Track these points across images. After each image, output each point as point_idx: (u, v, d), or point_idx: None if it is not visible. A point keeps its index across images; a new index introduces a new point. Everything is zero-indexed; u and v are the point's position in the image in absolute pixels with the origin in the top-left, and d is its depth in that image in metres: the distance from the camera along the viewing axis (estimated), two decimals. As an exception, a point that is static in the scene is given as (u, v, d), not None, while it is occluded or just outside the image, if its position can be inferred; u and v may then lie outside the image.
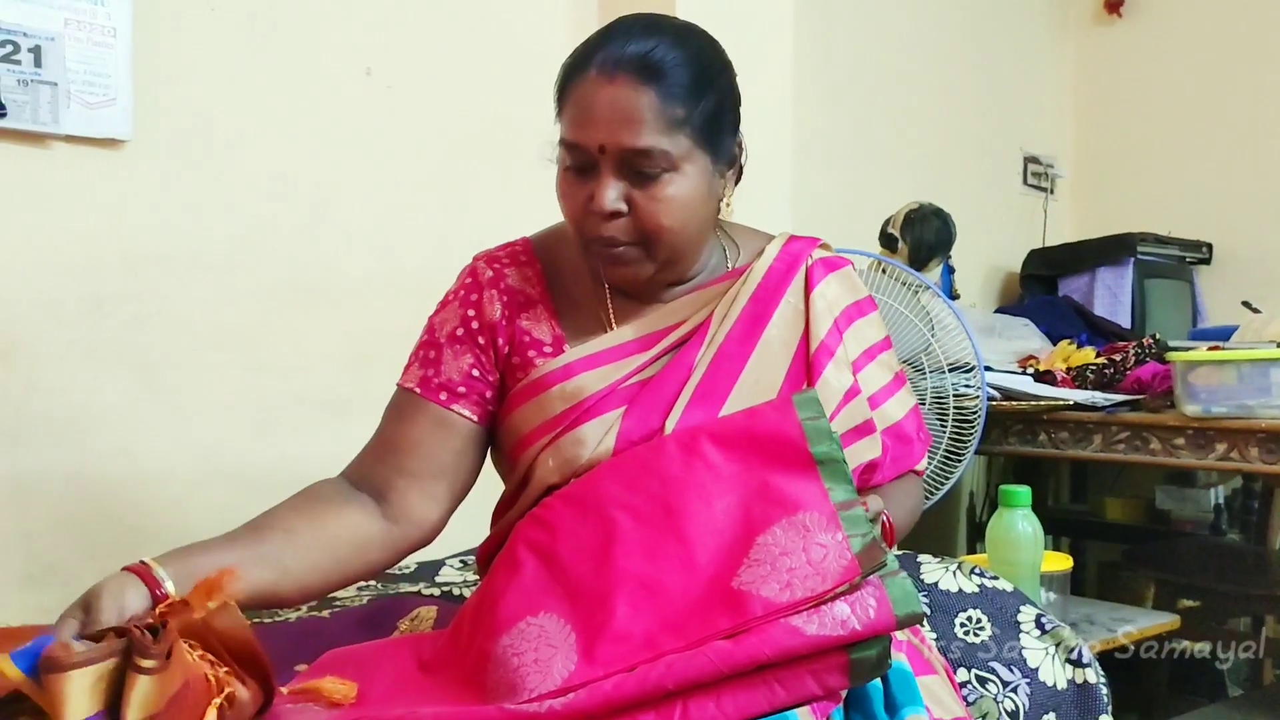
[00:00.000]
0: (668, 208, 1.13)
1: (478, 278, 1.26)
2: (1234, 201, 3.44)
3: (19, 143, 1.64)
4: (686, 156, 1.13)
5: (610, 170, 1.11)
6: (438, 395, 1.22)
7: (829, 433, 1.08)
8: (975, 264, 3.37)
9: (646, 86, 1.10)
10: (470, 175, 2.17)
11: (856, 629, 0.96)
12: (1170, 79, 3.59)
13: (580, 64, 1.14)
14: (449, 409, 1.21)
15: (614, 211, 1.12)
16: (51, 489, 1.68)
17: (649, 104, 1.10)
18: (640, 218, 1.13)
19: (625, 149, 1.10)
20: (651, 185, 1.12)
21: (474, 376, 1.22)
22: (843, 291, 1.28)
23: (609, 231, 1.13)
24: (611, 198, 1.11)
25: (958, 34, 3.38)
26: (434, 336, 1.25)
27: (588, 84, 1.12)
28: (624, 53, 1.11)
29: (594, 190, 1.12)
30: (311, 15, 1.96)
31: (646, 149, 1.10)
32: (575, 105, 1.12)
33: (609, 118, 1.10)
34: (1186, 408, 2.15)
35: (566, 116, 1.14)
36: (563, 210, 1.19)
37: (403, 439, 1.21)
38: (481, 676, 1.03)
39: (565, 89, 1.15)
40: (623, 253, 1.15)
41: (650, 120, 1.10)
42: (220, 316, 1.85)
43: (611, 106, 1.10)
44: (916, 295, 2.31)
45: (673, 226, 1.14)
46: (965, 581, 1.45)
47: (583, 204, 1.14)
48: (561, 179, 1.17)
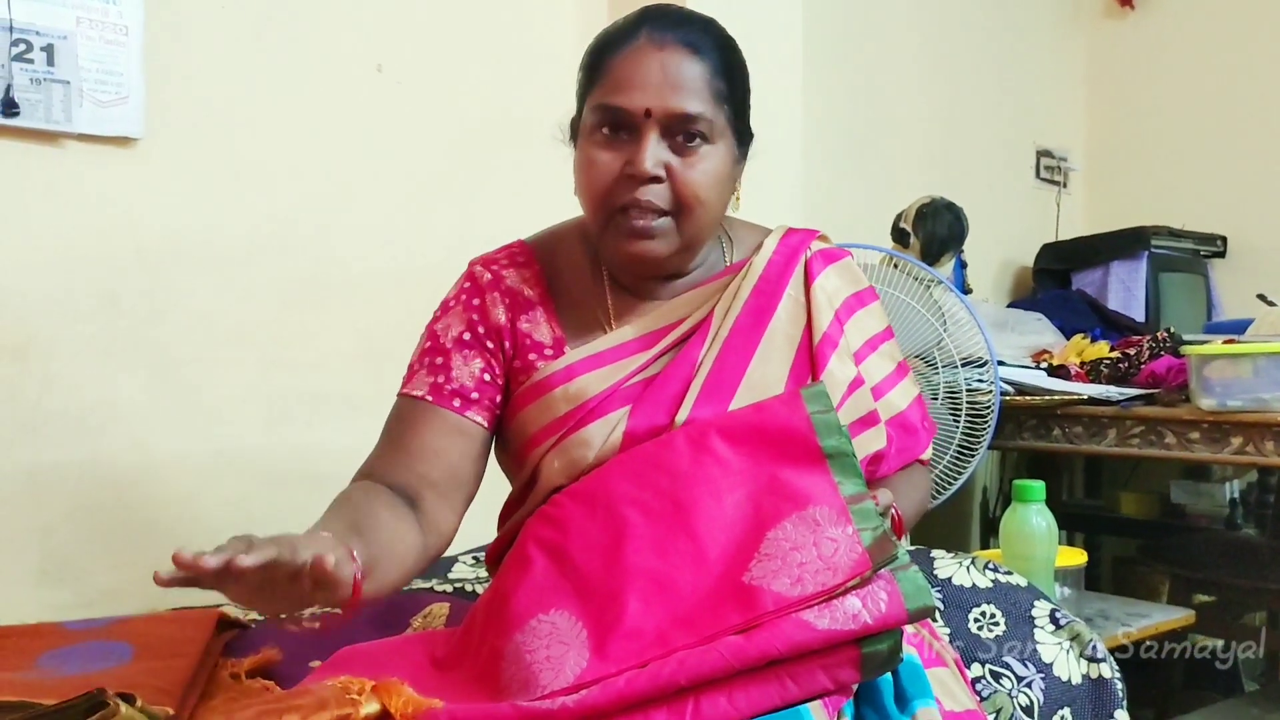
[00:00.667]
0: (702, 178, 1.13)
1: (477, 281, 1.25)
2: (1249, 194, 3.42)
3: (32, 141, 1.65)
4: (721, 133, 1.15)
5: (654, 133, 1.12)
6: (451, 402, 1.19)
7: (838, 426, 1.08)
8: (988, 258, 3.36)
9: (696, 58, 1.13)
10: (482, 171, 2.17)
11: (868, 623, 0.96)
12: (1183, 71, 3.57)
13: (623, 35, 1.15)
14: (464, 416, 1.19)
15: (654, 175, 1.12)
16: (66, 483, 1.69)
17: (698, 72, 1.13)
18: (677, 185, 1.13)
19: (674, 113, 1.11)
20: (691, 154, 1.13)
21: (485, 381, 1.21)
22: (842, 283, 1.28)
23: (645, 196, 1.12)
24: (654, 160, 1.11)
25: (969, 27, 3.36)
26: (438, 343, 1.23)
27: (636, 50, 1.13)
28: (670, 29, 1.14)
29: (632, 154, 1.12)
30: (322, 12, 1.96)
31: (695, 114, 1.12)
32: (619, 70, 1.13)
33: (659, 81, 1.11)
34: (1202, 401, 2.14)
35: (607, 82, 1.14)
36: (584, 182, 1.16)
37: (424, 448, 1.18)
38: (494, 674, 1.03)
39: (605, 58, 1.15)
40: (653, 224, 1.14)
41: (698, 88, 1.12)
42: (234, 312, 1.85)
43: (662, 71, 1.12)
44: (929, 290, 2.30)
45: (706, 199, 1.14)
46: (979, 577, 1.45)
47: (615, 170, 1.13)
48: (591, 146, 1.15)
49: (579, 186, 1.18)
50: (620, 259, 1.19)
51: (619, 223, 1.14)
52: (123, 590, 1.72)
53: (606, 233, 1.17)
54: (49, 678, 1.11)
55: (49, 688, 1.05)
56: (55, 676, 1.11)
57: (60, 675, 1.12)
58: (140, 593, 1.73)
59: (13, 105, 1.59)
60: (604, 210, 1.15)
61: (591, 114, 1.16)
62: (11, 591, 1.62)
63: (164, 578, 0.80)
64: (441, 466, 1.18)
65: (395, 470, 1.17)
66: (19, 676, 1.11)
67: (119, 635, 1.26)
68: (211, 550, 0.82)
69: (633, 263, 1.19)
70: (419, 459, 1.17)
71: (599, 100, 1.14)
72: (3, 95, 1.59)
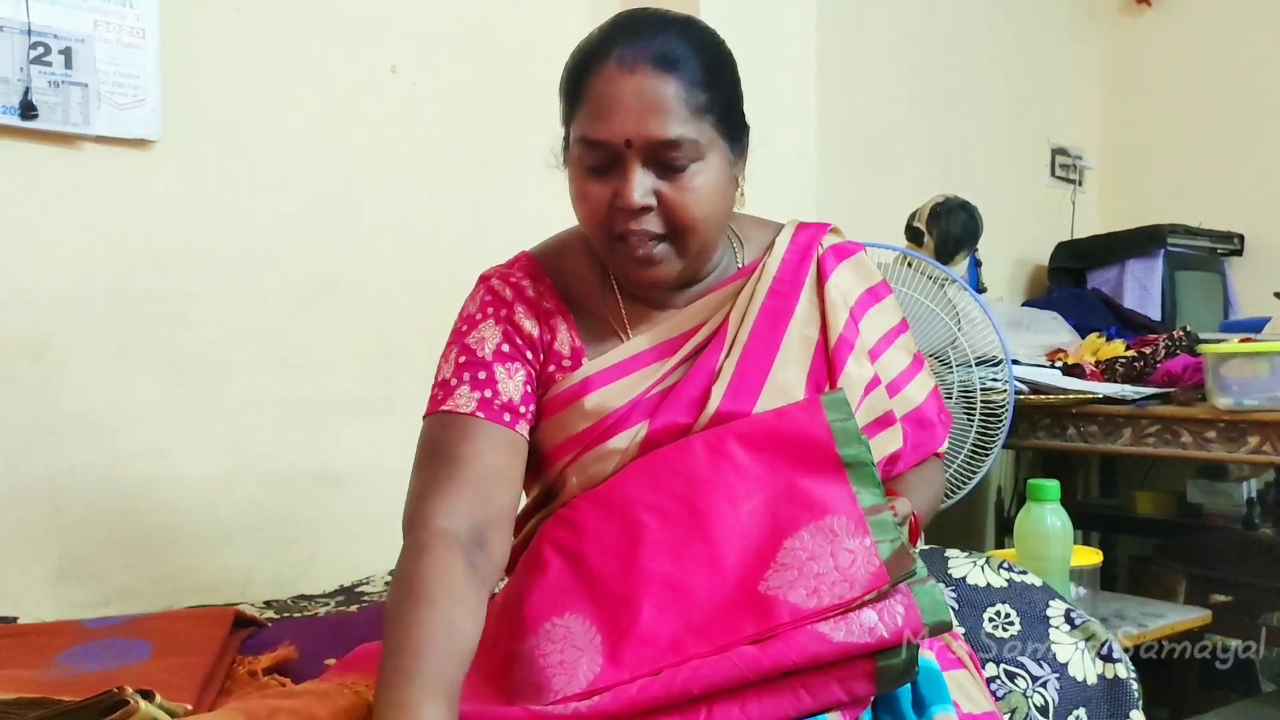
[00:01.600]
0: (697, 198, 1.09)
1: (499, 294, 1.20)
2: (1266, 191, 3.40)
3: (50, 143, 1.66)
4: (710, 145, 1.10)
5: (637, 164, 1.08)
6: (501, 417, 1.12)
7: (858, 435, 1.07)
8: (1002, 257, 3.35)
9: (669, 75, 1.07)
10: (495, 173, 2.17)
11: (884, 636, 0.96)
12: (1199, 69, 3.55)
13: (593, 59, 1.10)
14: (515, 430, 1.13)
15: (644, 206, 1.08)
16: (83, 485, 1.70)
17: (674, 92, 1.07)
18: (670, 211, 1.09)
19: (654, 140, 1.07)
20: (680, 177, 1.09)
21: (529, 393, 1.16)
22: (856, 279, 1.25)
23: (638, 226, 1.09)
24: (641, 191, 1.08)
25: (984, 25, 3.35)
26: (475, 356, 1.15)
27: (607, 77, 1.08)
28: (640, 45, 1.08)
29: (619, 186, 1.08)
30: (336, 15, 1.97)
31: (676, 139, 1.07)
32: (595, 101, 1.09)
33: (635, 109, 1.06)
34: (1218, 400, 2.13)
35: (585, 113, 1.10)
36: (580, 213, 1.14)
37: (486, 475, 1.09)
38: (507, 676, 1.03)
39: (579, 86, 1.11)
40: (652, 251, 1.11)
41: (676, 109, 1.07)
42: (249, 314, 1.87)
43: (637, 97, 1.07)
44: (943, 289, 2.29)
45: (704, 217, 1.11)
46: (993, 576, 1.44)
47: (606, 203, 1.10)
48: (579, 180, 1.12)
49: (577, 214, 1.16)
50: (630, 284, 1.18)
51: (620, 251, 1.12)
52: (140, 589, 1.73)
53: (612, 258, 1.15)
54: (68, 675, 1.12)
55: (68, 685, 1.06)
56: (75, 674, 1.12)
57: (80, 672, 1.13)
58: (157, 591, 1.74)
59: (31, 108, 1.61)
60: (604, 238, 1.13)
61: (576, 145, 1.12)
62: (31, 590, 1.63)
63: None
64: (506, 491, 1.11)
65: (461, 510, 1.06)
66: (39, 674, 1.12)
67: (137, 633, 1.27)
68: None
69: (642, 287, 1.17)
70: (482, 489, 1.08)
71: (580, 132, 1.11)
72: (21, 98, 1.60)
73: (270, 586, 1.85)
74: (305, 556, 1.92)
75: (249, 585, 1.85)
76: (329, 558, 1.93)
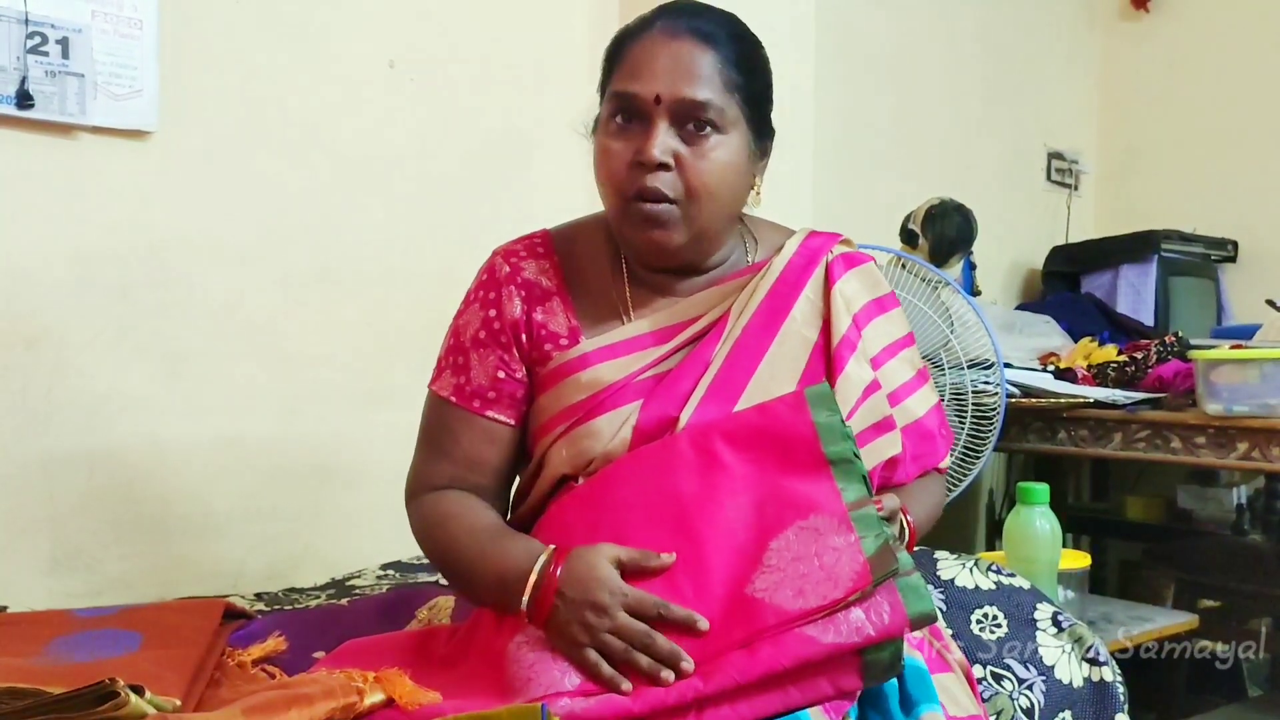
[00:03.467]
0: (712, 167, 1.14)
1: (495, 275, 1.25)
2: (1260, 199, 3.41)
3: (47, 133, 1.66)
4: (734, 123, 1.16)
5: (663, 121, 1.13)
6: (472, 403, 1.22)
7: (843, 431, 1.08)
8: (997, 260, 3.35)
9: (707, 46, 1.14)
10: (493, 167, 2.18)
11: (871, 634, 0.97)
12: (1196, 75, 3.55)
13: (640, 28, 1.17)
14: (484, 416, 1.22)
15: (662, 163, 1.12)
16: (77, 473, 1.70)
17: (710, 61, 1.14)
18: (686, 174, 1.13)
19: (682, 99, 1.12)
20: (700, 142, 1.14)
21: (500, 379, 1.21)
22: (863, 288, 1.27)
23: (653, 183, 1.13)
24: (662, 148, 1.12)
25: (982, 29, 3.36)
26: (459, 340, 1.24)
27: (650, 40, 1.15)
28: (684, 20, 1.16)
29: (641, 143, 1.13)
30: (334, 8, 1.97)
31: (704, 101, 1.13)
32: (633, 59, 1.15)
33: (670, 69, 1.13)
34: (1208, 406, 2.13)
35: (622, 70, 1.16)
36: (600, 172, 1.18)
37: (465, 458, 1.22)
38: (495, 674, 1.03)
39: (621, 49, 1.18)
40: (662, 210, 1.14)
41: (709, 76, 1.14)
42: (244, 305, 1.87)
43: (673, 59, 1.13)
44: (936, 291, 2.30)
45: (716, 188, 1.15)
46: (982, 578, 1.45)
47: (628, 158, 1.14)
48: (605, 135, 1.17)
49: (596, 176, 1.20)
50: (635, 246, 1.20)
51: (632, 211, 1.15)
52: (132, 579, 1.73)
53: (623, 221, 1.18)
54: (58, 664, 1.12)
55: (58, 674, 1.06)
56: (64, 663, 1.12)
57: (69, 662, 1.13)
58: (149, 581, 1.74)
59: (28, 98, 1.61)
60: (618, 198, 1.16)
61: (607, 103, 1.18)
62: (23, 579, 1.63)
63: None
64: (486, 473, 1.23)
65: (457, 475, 1.23)
66: (28, 662, 1.12)
67: (128, 624, 1.27)
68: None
69: (647, 250, 1.19)
70: (466, 468, 1.22)
71: (613, 88, 1.16)
72: (18, 88, 1.60)
73: (263, 578, 1.85)
74: (299, 549, 1.92)
75: (241, 577, 1.85)
76: (322, 550, 1.93)
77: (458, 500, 1.20)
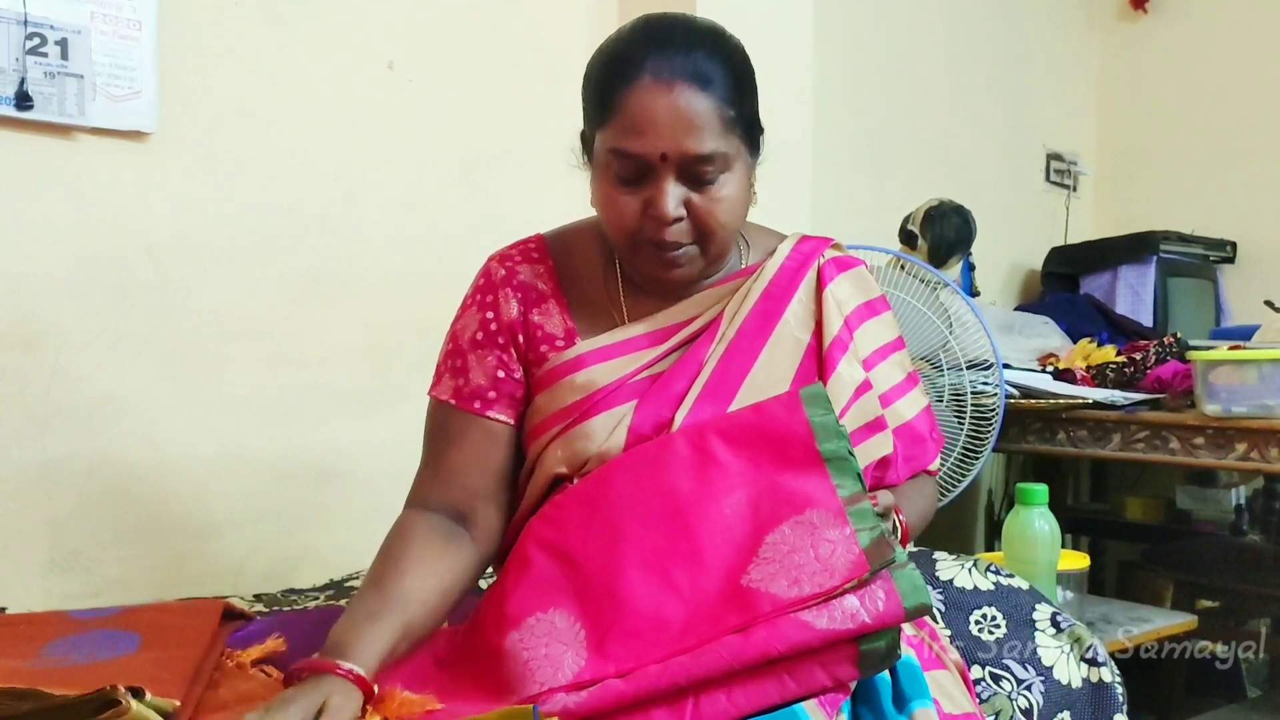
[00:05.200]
0: (724, 207, 1.14)
1: (491, 278, 1.26)
2: (1259, 200, 3.41)
3: (46, 134, 1.66)
4: (737, 155, 1.15)
5: (671, 176, 1.12)
6: (472, 404, 1.22)
7: (837, 429, 1.09)
8: (996, 261, 3.36)
9: (703, 93, 1.11)
10: (491, 169, 2.18)
11: (866, 622, 0.97)
12: (1195, 76, 3.56)
13: (626, 70, 1.12)
14: (485, 416, 1.22)
15: (677, 217, 1.13)
16: (76, 476, 1.70)
17: (708, 108, 1.11)
18: (699, 219, 1.14)
19: (689, 155, 1.11)
20: (709, 188, 1.13)
21: (499, 378, 1.22)
22: (854, 291, 1.28)
23: (671, 236, 1.13)
24: (675, 204, 1.12)
25: (980, 29, 3.36)
26: (458, 344, 1.25)
27: (644, 92, 1.10)
28: (675, 60, 1.11)
29: (652, 197, 1.12)
30: (333, 9, 1.97)
31: (710, 154, 1.11)
32: (630, 114, 1.11)
33: (670, 125, 1.10)
34: (1206, 407, 2.13)
35: (618, 126, 1.12)
36: (609, 219, 1.17)
37: (461, 459, 1.21)
38: (494, 672, 1.04)
39: (611, 96, 1.12)
40: (681, 255, 1.15)
41: (710, 125, 1.11)
42: (243, 307, 1.87)
43: (673, 114, 1.10)
44: (935, 292, 2.30)
45: (729, 223, 1.16)
46: (980, 579, 1.45)
47: (636, 212, 1.13)
48: (608, 188, 1.15)
49: (601, 218, 1.19)
50: (649, 281, 1.22)
51: (646, 254, 1.16)
52: (130, 581, 1.73)
53: (634, 259, 1.19)
54: (55, 666, 1.12)
55: (55, 676, 1.06)
56: (62, 665, 1.12)
57: (67, 664, 1.13)
58: (148, 583, 1.74)
59: (26, 99, 1.61)
60: (629, 244, 1.17)
61: (607, 155, 1.14)
62: (20, 581, 1.63)
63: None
64: (483, 474, 1.21)
65: (442, 490, 1.22)
66: (26, 664, 1.12)
67: (126, 625, 1.26)
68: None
69: (662, 286, 1.22)
70: (460, 472, 1.21)
71: (612, 144, 1.13)
72: (17, 89, 1.60)
73: (262, 579, 1.85)
74: (297, 550, 1.92)
75: (240, 578, 1.85)
76: (321, 551, 1.94)
77: (407, 536, 1.17)
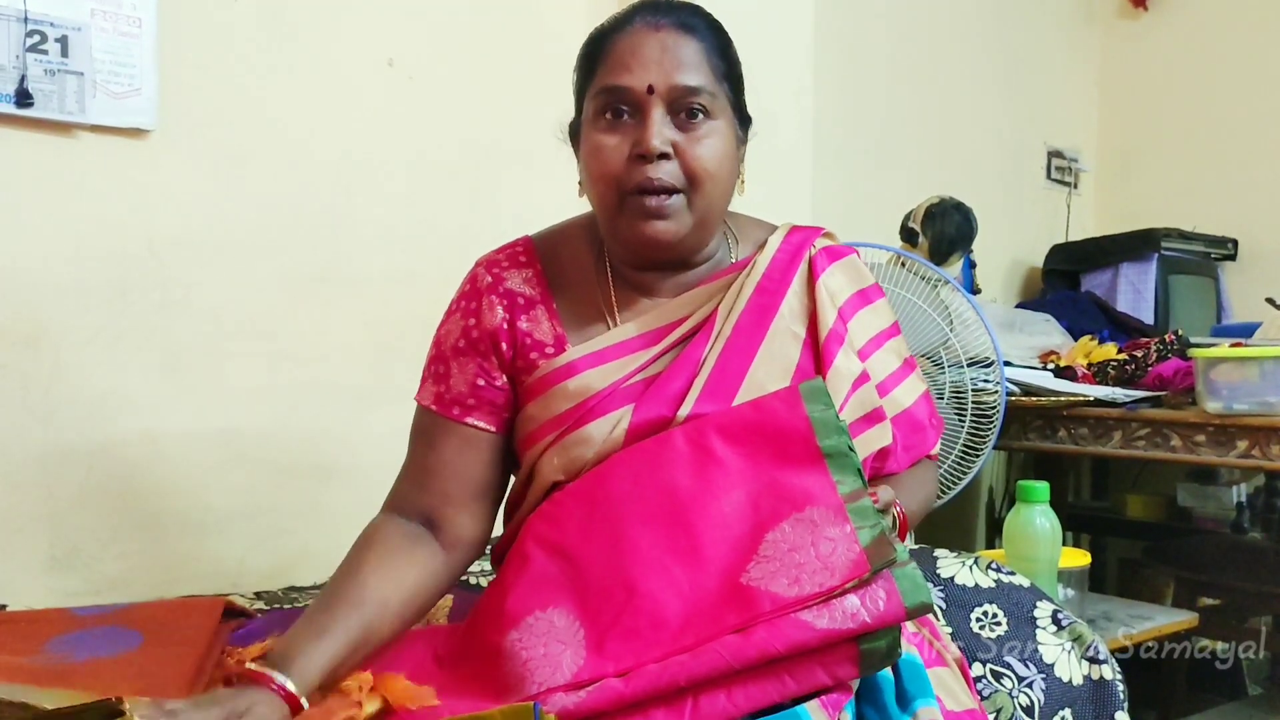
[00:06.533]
0: (710, 152, 1.14)
1: (476, 285, 1.24)
2: (1260, 197, 3.41)
3: (46, 132, 1.66)
4: (723, 110, 1.16)
5: (658, 109, 1.12)
6: (451, 410, 1.21)
7: (837, 425, 1.08)
8: (997, 259, 3.35)
9: (692, 37, 1.15)
10: (491, 166, 2.17)
11: (866, 621, 0.97)
12: (1196, 73, 3.56)
13: (620, 24, 1.17)
14: (464, 423, 1.20)
15: (663, 153, 1.12)
16: (76, 472, 1.70)
17: (696, 49, 1.15)
18: (686, 161, 1.13)
19: (677, 87, 1.12)
20: (695, 129, 1.14)
21: (479, 386, 1.20)
22: (847, 281, 1.27)
23: (656, 174, 1.12)
24: (662, 136, 1.12)
25: (981, 27, 3.36)
26: (441, 350, 1.24)
27: (633, 33, 1.15)
28: (663, 12, 1.16)
29: (639, 134, 1.12)
30: (333, 6, 1.97)
31: (697, 86, 1.13)
32: (619, 53, 1.14)
33: (659, 58, 1.13)
34: (1208, 404, 2.13)
35: (607, 65, 1.15)
36: (594, 169, 1.15)
37: (437, 463, 1.20)
38: (493, 670, 1.03)
39: (602, 45, 1.17)
40: (666, 203, 1.13)
41: (697, 63, 1.14)
42: (243, 304, 1.87)
43: (661, 48, 1.13)
44: (936, 290, 2.30)
45: (715, 173, 1.15)
46: (981, 576, 1.45)
47: (624, 153, 1.13)
48: (595, 132, 1.15)
49: (587, 175, 1.18)
50: (635, 242, 1.17)
51: (632, 205, 1.14)
52: (131, 577, 1.73)
53: (620, 218, 1.15)
54: (57, 663, 1.12)
55: (57, 673, 1.06)
56: (64, 662, 1.12)
57: (69, 661, 1.13)
58: (148, 580, 1.74)
59: (27, 96, 1.61)
60: (616, 195, 1.14)
61: (593, 100, 1.15)
62: (21, 577, 1.63)
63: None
64: (457, 479, 1.20)
65: (415, 494, 1.21)
66: (26, 661, 1.12)
67: (127, 622, 1.27)
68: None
69: (647, 245, 1.17)
70: (435, 476, 1.20)
71: (601, 84, 1.15)
72: (17, 86, 1.60)
73: (263, 576, 1.85)
74: (298, 547, 1.92)
75: (241, 575, 1.85)
76: (322, 548, 1.93)
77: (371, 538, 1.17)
